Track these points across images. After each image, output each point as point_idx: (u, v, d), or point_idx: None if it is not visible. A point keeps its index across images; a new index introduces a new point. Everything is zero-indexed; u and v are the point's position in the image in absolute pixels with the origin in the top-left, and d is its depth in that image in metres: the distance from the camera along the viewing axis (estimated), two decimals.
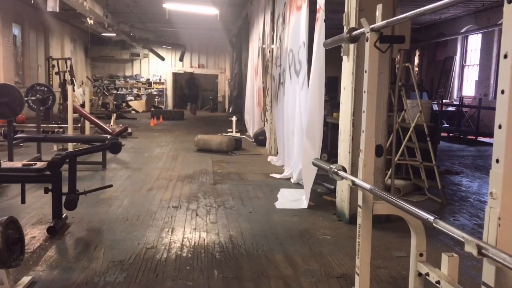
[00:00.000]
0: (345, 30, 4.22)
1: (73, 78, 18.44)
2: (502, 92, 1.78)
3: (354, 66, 5.09)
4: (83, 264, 3.93)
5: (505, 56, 1.75)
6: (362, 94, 3.04)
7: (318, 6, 6.02)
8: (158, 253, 4.22)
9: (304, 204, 5.99)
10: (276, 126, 9.52)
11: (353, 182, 2.95)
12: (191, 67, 26.83)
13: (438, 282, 2.34)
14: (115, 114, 15.78)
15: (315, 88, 5.97)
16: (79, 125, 11.09)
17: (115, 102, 22.56)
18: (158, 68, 26.60)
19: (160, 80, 26.74)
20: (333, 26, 6.23)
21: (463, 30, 17.98)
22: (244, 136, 13.01)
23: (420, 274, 2.62)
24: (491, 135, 12.13)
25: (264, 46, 11.40)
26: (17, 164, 5.02)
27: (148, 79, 26.71)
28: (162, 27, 21.16)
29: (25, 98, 8.39)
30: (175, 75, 27.15)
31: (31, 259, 4.00)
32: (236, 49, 20.43)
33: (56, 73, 17.82)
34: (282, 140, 8.69)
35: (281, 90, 8.76)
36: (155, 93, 26.26)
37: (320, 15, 5.90)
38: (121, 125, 13.13)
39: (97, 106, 22.28)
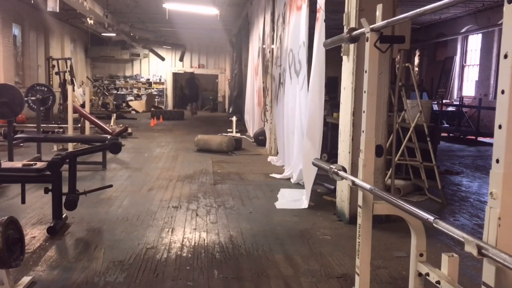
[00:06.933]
0: (345, 30, 4.21)
1: (73, 78, 18.43)
2: (502, 92, 1.78)
3: (354, 66, 5.09)
4: (83, 264, 3.93)
5: (505, 56, 1.75)
6: (362, 94, 3.04)
7: (318, 6, 6.02)
8: (158, 253, 4.22)
9: (304, 204, 5.99)
10: (276, 126, 9.53)
11: (353, 182, 2.95)
12: (191, 67, 26.79)
13: (438, 282, 2.34)
14: (115, 114, 15.78)
15: (315, 88, 5.98)
16: (79, 125, 11.09)
17: (115, 102, 22.56)
18: (158, 68, 26.58)
19: (160, 80, 26.72)
20: (333, 26, 6.23)
21: (463, 30, 17.98)
22: (244, 136, 13.01)
23: (420, 274, 2.62)
24: (491, 135, 12.13)
25: (264, 46, 11.40)
26: (17, 164, 5.02)
27: (148, 79, 26.69)
28: (162, 27, 21.16)
29: (25, 98, 8.39)
30: (175, 75, 27.12)
31: (31, 259, 4.00)
32: (236, 49, 20.42)
33: (56, 73, 17.81)
34: (282, 140, 8.69)
35: (281, 90, 8.77)
36: (155, 93, 26.24)
37: (320, 15, 5.90)
38: (121, 125, 13.13)
39: (97, 106, 22.27)
